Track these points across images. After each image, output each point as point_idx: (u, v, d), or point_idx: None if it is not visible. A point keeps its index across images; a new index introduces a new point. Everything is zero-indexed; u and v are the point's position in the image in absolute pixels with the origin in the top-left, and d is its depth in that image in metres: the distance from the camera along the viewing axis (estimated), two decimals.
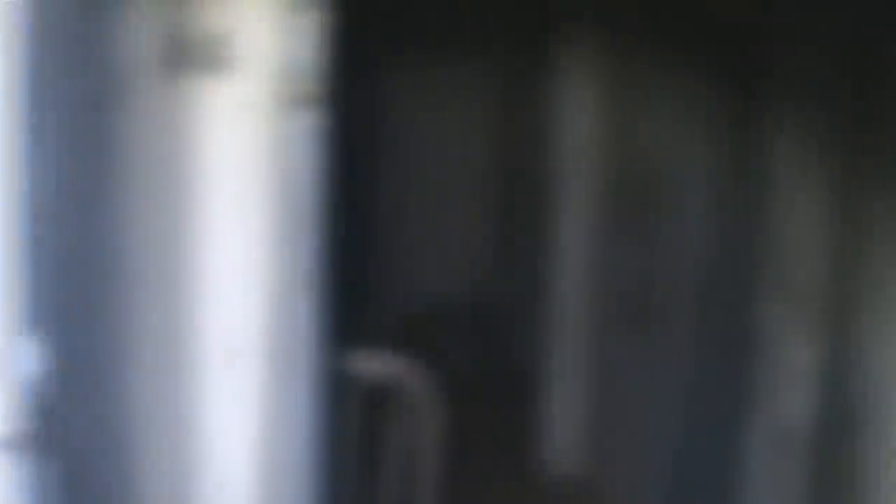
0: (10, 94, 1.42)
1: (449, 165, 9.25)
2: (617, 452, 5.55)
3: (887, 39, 2.59)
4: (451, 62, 9.16)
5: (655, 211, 4.92)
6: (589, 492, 6.01)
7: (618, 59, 5.51)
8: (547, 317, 6.26)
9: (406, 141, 9.27)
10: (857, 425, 2.58)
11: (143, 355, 1.85)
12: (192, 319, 1.92)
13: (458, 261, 9.21)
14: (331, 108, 1.97)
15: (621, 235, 5.49)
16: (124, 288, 1.75)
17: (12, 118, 1.42)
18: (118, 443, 1.77)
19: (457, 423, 6.10)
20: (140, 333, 1.84)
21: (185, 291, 1.89)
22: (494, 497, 6.12)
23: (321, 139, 1.85)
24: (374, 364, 2.74)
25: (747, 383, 3.72)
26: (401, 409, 2.85)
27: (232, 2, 1.82)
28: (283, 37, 1.81)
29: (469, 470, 6.21)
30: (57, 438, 1.63)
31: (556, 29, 6.04)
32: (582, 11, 5.69)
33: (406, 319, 8.85)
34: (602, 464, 5.89)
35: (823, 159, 2.97)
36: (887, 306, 2.51)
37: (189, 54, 1.83)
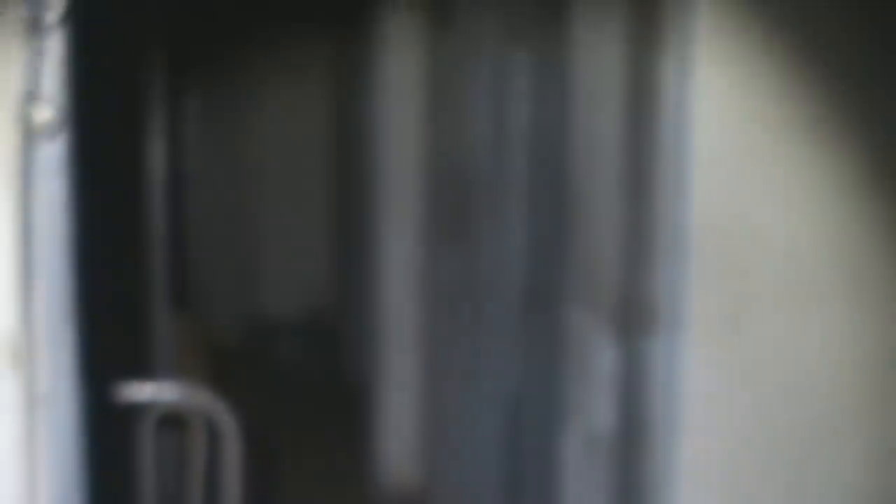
0: None
1: (270, 175, 9.19)
2: (448, 462, 5.54)
3: None
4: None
5: (476, 215, 4.92)
6: (422, 502, 6.00)
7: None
8: (376, 328, 6.23)
9: (227, 151, 9.18)
10: (652, 431, 2.60)
11: None
12: None
13: (285, 276, 9.16)
14: (88, 130, 1.89)
15: (445, 240, 5.49)
16: None
17: None
18: None
19: (289, 440, 6.07)
20: None
21: None
22: None
23: (65, 166, 1.76)
24: (165, 391, 2.67)
25: (563, 388, 3.74)
26: (197, 435, 2.78)
27: None
28: (21, 65, 1.72)
29: (303, 486, 6.17)
30: None
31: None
32: None
33: (238, 337, 8.76)
34: (435, 474, 5.88)
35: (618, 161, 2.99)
36: (679, 314, 2.54)
37: None
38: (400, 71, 5.82)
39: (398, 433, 6.16)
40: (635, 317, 2.73)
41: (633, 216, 2.75)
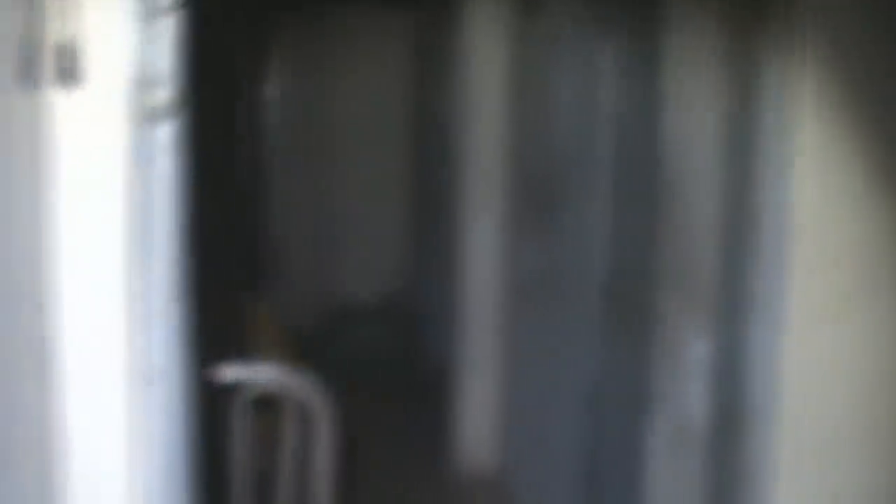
0: None
1: (356, 159, 9.22)
2: (527, 450, 5.55)
3: None
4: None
5: (561, 201, 4.91)
6: (499, 490, 6.01)
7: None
8: (457, 313, 6.24)
9: (306, 135, 9.22)
10: (747, 422, 2.58)
11: (2, 368, 1.78)
12: (49, 333, 1.85)
13: (367, 259, 9.19)
14: (199, 110, 1.92)
15: (528, 226, 5.48)
16: None
17: None
18: None
19: (366, 423, 6.11)
20: (9, 346, 1.77)
21: (42, 307, 1.82)
22: (407, 497, 6.10)
23: (180, 147, 1.79)
24: (259, 372, 2.70)
25: (649, 378, 3.72)
26: (290, 416, 2.82)
27: (83, 11, 1.75)
28: (137, 45, 1.75)
29: (379, 470, 6.20)
30: None
31: None
32: None
33: (316, 320, 8.81)
34: (512, 461, 5.89)
35: (720, 153, 2.96)
36: (778, 304, 2.51)
37: (41, 65, 1.76)
38: (486, 54, 5.82)
39: (476, 419, 6.17)
40: (731, 305, 2.70)
41: (732, 202, 2.72)
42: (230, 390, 2.64)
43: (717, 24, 3.01)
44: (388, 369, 8.16)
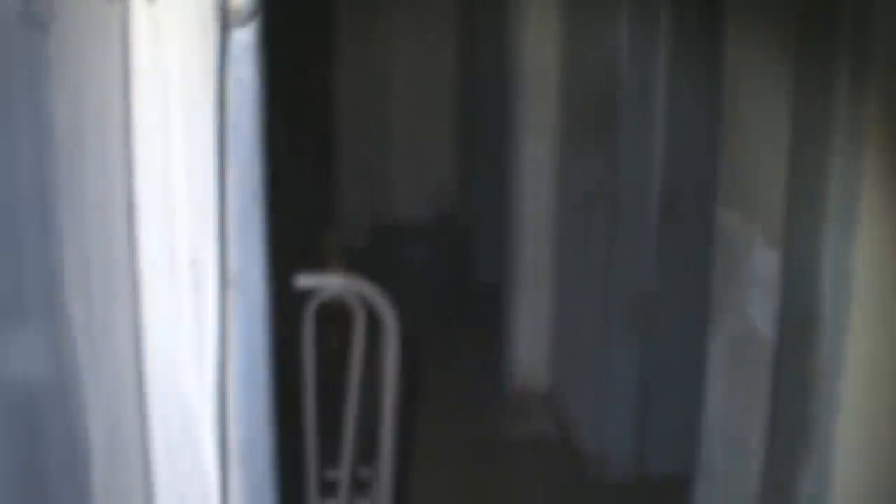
0: None
1: (413, 83, 9.23)
2: (582, 364, 5.59)
3: None
4: None
5: (615, 119, 4.90)
6: (554, 404, 6.07)
7: None
8: (512, 230, 6.27)
9: (369, 59, 9.23)
10: (815, 332, 2.59)
11: (86, 281, 1.81)
12: (140, 241, 1.88)
13: (423, 176, 9.23)
14: (271, 25, 1.93)
15: (584, 145, 5.48)
16: (61, 212, 1.71)
17: None
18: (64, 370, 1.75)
19: (424, 337, 6.18)
20: (83, 258, 1.80)
21: (131, 214, 1.85)
22: (462, 409, 6.18)
23: (261, 56, 1.80)
24: (331, 281, 2.75)
25: (710, 289, 3.73)
26: (359, 324, 2.86)
27: None
28: None
29: (436, 383, 6.29)
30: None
31: None
32: None
33: (374, 232, 8.88)
34: (567, 376, 5.93)
35: (781, 63, 2.93)
36: (847, 214, 2.51)
37: None
38: None
39: (530, 335, 6.23)
40: (798, 213, 2.70)
41: (802, 110, 2.70)
42: (304, 297, 2.69)
43: None
44: (442, 287, 8.24)
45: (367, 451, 3.21)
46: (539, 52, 5.87)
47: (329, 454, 3.29)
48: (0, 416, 1.65)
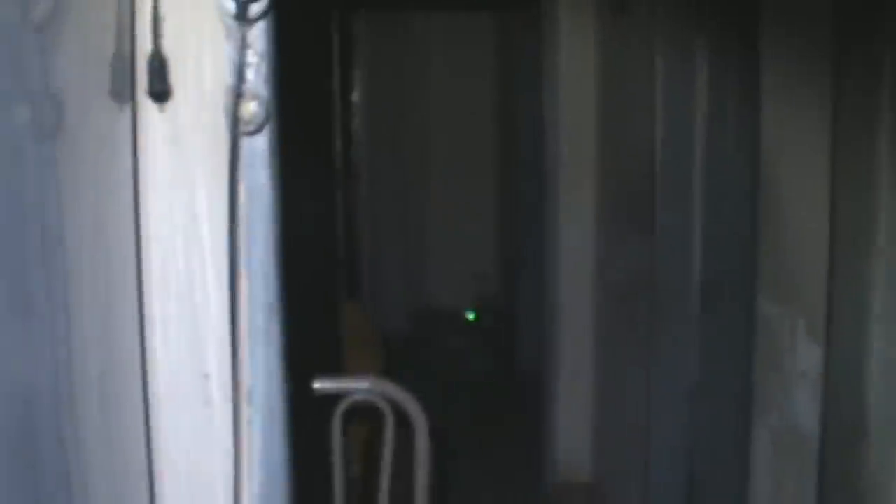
0: None
1: (455, 168, 9.24)
2: (624, 456, 5.46)
3: None
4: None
5: (653, 206, 4.83)
6: (596, 497, 5.94)
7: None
8: (552, 320, 6.19)
9: (410, 146, 9.26)
10: (863, 431, 2.48)
11: (98, 391, 1.75)
12: (150, 354, 1.82)
13: (455, 265, 9.20)
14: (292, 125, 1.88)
15: (623, 233, 5.41)
16: (70, 316, 1.65)
17: None
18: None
19: (462, 429, 6.09)
20: (92, 371, 1.75)
21: (142, 326, 1.80)
22: (503, 503, 6.07)
23: (276, 162, 1.75)
24: (357, 382, 2.67)
25: (752, 384, 3.63)
26: (388, 426, 2.79)
27: (175, 24, 1.73)
28: (228, 56, 1.72)
29: (476, 476, 6.18)
30: None
31: None
32: None
33: (411, 327, 8.82)
34: (609, 468, 5.81)
35: (819, 152, 2.86)
36: (894, 313, 2.41)
37: (132, 80, 1.74)
38: (576, 57, 5.77)
39: (571, 426, 6.12)
40: (845, 311, 2.61)
41: (843, 205, 2.62)
42: (329, 401, 2.62)
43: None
44: (483, 375, 8.15)
45: None
46: (576, 137, 5.84)
47: None
48: None
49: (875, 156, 2.45)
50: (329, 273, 4.08)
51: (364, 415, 2.88)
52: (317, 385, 2.48)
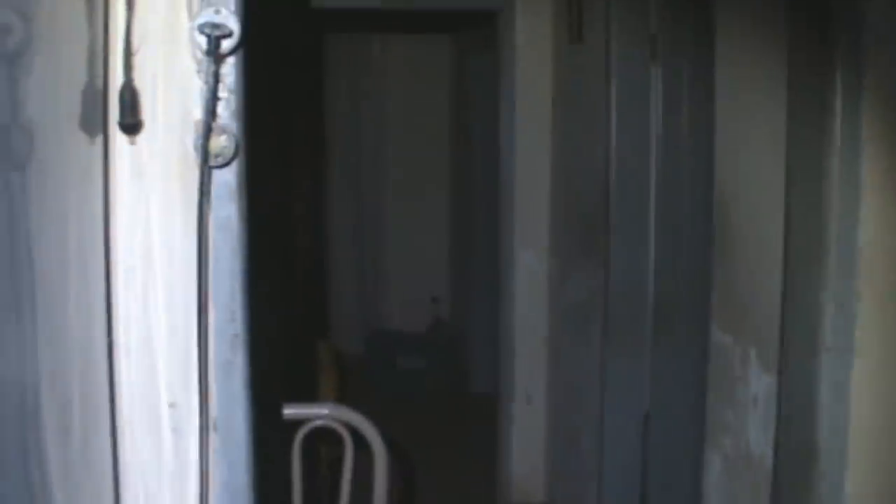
0: None
1: (408, 191, 9.28)
2: (576, 479, 5.50)
3: None
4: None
5: (606, 229, 4.89)
6: None
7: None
8: (507, 342, 6.22)
9: (363, 168, 9.29)
10: (813, 457, 2.54)
11: (66, 420, 1.77)
12: (119, 381, 1.85)
13: (409, 288, 9.24)
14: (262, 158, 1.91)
15: (577, 257, 5.46)
16: (40, 351, 1.67)
17: None
18: None
19: (416, 451, 6.10)
20: (62, 396, 1.76)
21: (111, 354, 1.82)
22: None
23: (244, 195, 1.78)
24: (317, 408, 2.71)
25: (704, 409, 3.68)
26: (348, 451, 2.83)
27: (146, 57, 1.76)
28: (198, 90, 1.75)
29: (431, 497, 6.19)
30: None
31: None
32: None
33: (369, 339, 8.84)
34: (561, 490, 5.85)
35: (774, 185, 2.92)
36: (845, 339, 2.47)
37: (104, 112, 1.76)
38: (533, 80, 5.83)
39: (526, 448, 6.15)
40: (796, 340, 2.67)
41: (796, 236, 2.68)
42: (291, 427, 2.66)
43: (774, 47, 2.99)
44: (436, 396, 8.17)
45: None
46: (530, 160, 5.89)
47: None
48: None
49: (827, 188, 2.51)
50: (294, 298, 4.11)
51: (333, 438, 2.92)
52: (282, 411, 2.53)
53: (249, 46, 1.78)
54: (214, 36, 1.73)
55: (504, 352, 6.23)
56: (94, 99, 1.75)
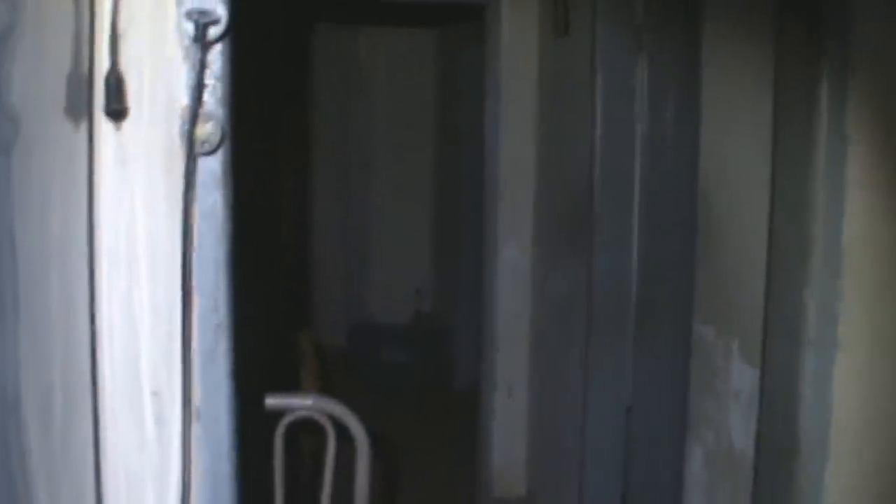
0: None
1: (392, 183, 9.28)
2: (559, 472, 5.51)
3: None
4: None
5: (591, 222, 4.88)
6: None
7: None
8: (490, 335, 6.22)
9: (348, 159, 9.28)
10: (794, 451, 2.54)
11: (46, 405, 1.76)
12: (100, 369, 1.84)
13: (393, 281, 9.23)
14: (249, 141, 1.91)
15: (561, 249, 5.46)
16: (21, 335, 1.66)
17: None
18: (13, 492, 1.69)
19: (400, 442, 6.10)
20: (43, 382, 1.75)
21: (93, 341, 1.81)
22: None
23: (229, 184, 1.77)
24: (299, 399, 2.69)
25: (686, 403, 3.69)
26: (331, 442, 2.81)
27: (132, 43, 1.75)
28: (185, 77, 1.74)
29: (413, 488, 6.19)
30: None
31: None
32: None
33: (351, 331, 8.83)
34: (544, 483, 5.85)
35: (759, 181, 2.93)
36: (827, 334, 2.48)
37: (89, 97, 1.75)
38: (519, 73, 5.83)
39: (507, 441, 6.15)
40: (778, 333, 2.67)
41: (780, 230, 2.69)
42: (274, 417, 2.65)
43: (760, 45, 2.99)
44: (419, 388, 8.17)
45: None
46: (516, 154, 5.88)
47: None
48: None
49: (813, 182, 2.52)
50: (277, 289, 4.09)
51: (315, 429, 2.90)
52: (265, 401, 2.52)
53: (236, 34, 1.77)
54: (202, 23, 1.72)
55: (486, 345, 6.23)
56: (80, 85, 1.74)
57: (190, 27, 1.73)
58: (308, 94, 8.74)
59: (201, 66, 1.74)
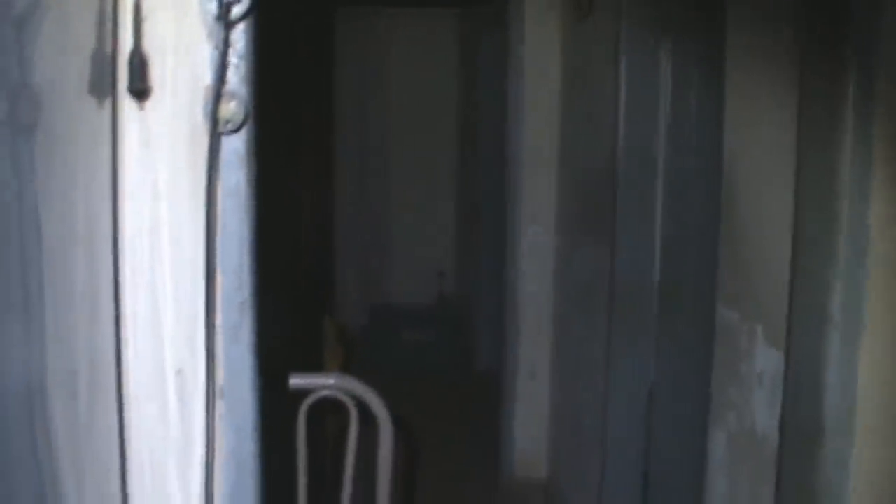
0: None
1: (414, 166, 9.27)
2: (580, 455, 5.51)
3: None
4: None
5: (613, 206, 4.87)
6: (551, 495, 5.98)
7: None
8: (512, 318, 6.22)
9: (369, 141, 9.28)
10: (819, 434, 2.53)
11: (71, 386, 1.77)
12: (125, 348, 1.84)
13: (415, 263, 9.23)
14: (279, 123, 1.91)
15: (583, 233, 5.45)
16: (47, 317, 1.66)
17: None
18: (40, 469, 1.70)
19: (420, 425, 6.12)
20: (68, 362, 1.76)
21: (117, 321, 1.81)
22: (459, 499, 6.10)
23: (253, 162, 1.77)
24: (322, 379, 2.71)
25: (709, 386, 3.67)
26: (353, 422, 2.83)
27: (156, 23, 1.74)
28: (209, 56, 1.74)
29: (433, 470, 6.21)
30: None
31: None
32: None
33: (372, 312, 8.84)
34: (565, 467, 5.85)
35: (783, 163, 2.91)
36: (852, 320, 2.46)
37: (114, 77, 1.75)
38: (541, 55, 5.81)
39: (529, 424, 6.15)
40: (803, 316, 2.66)
41: (805, 211, 2.67)
42: (297, 396, 2.66)
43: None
44: (440, 371, 8.18)
45: None
46: (538, 137, 5.88)
47: None
48: None
49: (838, 164, 2.50)
50: (301, 270, 4.10)
51: (338, 409, 2.92)
52: (288, 380, 2.53)
53: (260, 13, 1.77)
54: (225, 1, 1.72)
55: (509, 327, 6.23)
56: (103, 64, 1.74)
57: (213, 6, 1.73)
58: (330, 76, 8.73)
59: (225, 46, 1.74)
